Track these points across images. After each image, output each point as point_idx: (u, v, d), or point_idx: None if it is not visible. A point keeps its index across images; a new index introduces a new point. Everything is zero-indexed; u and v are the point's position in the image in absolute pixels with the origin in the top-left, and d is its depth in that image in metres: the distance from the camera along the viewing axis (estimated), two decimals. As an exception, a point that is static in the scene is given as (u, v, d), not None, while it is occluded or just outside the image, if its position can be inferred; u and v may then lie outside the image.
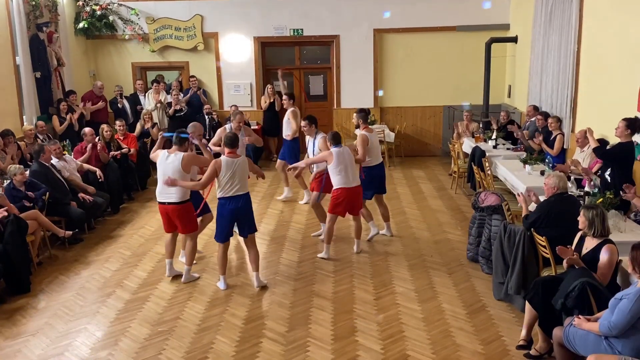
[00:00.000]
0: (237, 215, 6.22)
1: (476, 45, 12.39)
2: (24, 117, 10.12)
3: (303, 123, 7.86)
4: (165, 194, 6.29)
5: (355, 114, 8.37)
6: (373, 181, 7.69)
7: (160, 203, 6.38)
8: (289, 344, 5.24)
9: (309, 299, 6.13)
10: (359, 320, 5.64)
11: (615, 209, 5.74)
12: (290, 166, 7.74)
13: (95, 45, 12.95)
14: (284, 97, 10.27)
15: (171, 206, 6.30)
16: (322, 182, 7.56)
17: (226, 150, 6.19)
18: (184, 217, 6.35)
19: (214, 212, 6.64)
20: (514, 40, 12.21)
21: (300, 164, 7.55)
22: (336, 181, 7.12)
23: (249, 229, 6.35)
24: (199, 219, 6.90)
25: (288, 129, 9.95)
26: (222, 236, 6.29)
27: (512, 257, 5.65)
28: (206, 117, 12.11)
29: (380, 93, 13.11)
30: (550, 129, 9.04)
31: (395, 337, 5.30)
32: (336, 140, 7.19)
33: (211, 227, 7.20)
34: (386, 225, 8.01)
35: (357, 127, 8.36)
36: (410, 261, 7.11)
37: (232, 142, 6.17)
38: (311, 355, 5.05)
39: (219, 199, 6.20)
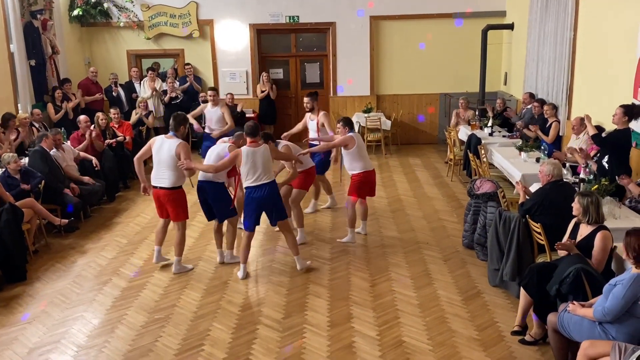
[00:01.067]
0: (263, 204, 6.19)
1: (472, 33, 12.33)
2: (18, 105, 10.07)
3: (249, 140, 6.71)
4: (159, 178, 6.30)
5: (305, 98, 8.16)
6: (327, 159, 8.10)
7: (154, 187, 6.39)
8: (285, 331, 5.27)
9: (305, 286, 6.16)
10: (355, 307, 5.67)
11: (610, 196, 5.75)
12: (302, 151, 7.18)
13: (90, 32, 12.86)
14: (211, 92, 9.41)
15: (163, 190, 6.30)
16: (305, 179, 7.37)
17: (248, 139, 6.17)
18: (173, 203, 6.34)
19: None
20: (510, 27, 12.16)
21: (316, 149, 7.39)
22: (358, 166, 7.14)
23: (277, 217, 6.31)
24: (224, 223, 6.84)
25: (218, 126, 9.30)
26: (248, 224, 6.27)
27: (507, 244, 5.67)
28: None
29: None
30: (546, 117, 9.04)
31: (391, 324, 5.33)
32: (351, 124, 7.19)
33: (203, 220, 7.28)
34: (330, 197, 8.79)
35: (311, 110, 8.09)
36: (406, 248, 7.13)
37: (252, 131, 6.13)
38: (307, 342, 5.07)
39: (245, 188, 6.21)
